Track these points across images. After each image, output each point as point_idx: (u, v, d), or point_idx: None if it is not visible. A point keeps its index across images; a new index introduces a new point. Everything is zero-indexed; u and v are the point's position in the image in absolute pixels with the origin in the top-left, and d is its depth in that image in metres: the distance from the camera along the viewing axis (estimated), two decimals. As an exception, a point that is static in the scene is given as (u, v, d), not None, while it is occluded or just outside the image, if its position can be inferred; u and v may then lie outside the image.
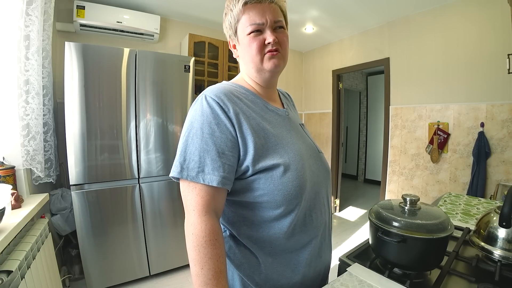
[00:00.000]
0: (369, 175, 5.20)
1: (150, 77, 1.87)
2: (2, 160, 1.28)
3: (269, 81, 0.67)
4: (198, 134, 0.54)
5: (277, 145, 0.59)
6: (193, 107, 0.59)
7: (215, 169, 0.52)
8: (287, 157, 0.58)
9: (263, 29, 0.60)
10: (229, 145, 0.54)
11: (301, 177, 0.59)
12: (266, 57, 0.61)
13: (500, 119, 1.99)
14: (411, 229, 0.61)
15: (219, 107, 0.55)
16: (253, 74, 0.65)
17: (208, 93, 0.58)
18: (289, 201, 0.57)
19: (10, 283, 0.88)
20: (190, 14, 2.60)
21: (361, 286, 0.60)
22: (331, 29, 2.96)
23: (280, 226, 0.58)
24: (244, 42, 0.61)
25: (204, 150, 0.53)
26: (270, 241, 0.59)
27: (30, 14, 1.36)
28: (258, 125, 0.58)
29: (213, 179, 0.52)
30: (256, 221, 0.59)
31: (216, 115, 0.55)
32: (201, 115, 0.55)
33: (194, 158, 0.53)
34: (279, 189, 0.56)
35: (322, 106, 3.59)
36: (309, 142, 0.69)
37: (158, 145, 1.93)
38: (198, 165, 0.53)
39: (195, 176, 0.52)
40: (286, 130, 0.64)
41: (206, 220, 0.52)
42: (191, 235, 0.52)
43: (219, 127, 0.54)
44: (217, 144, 0.53)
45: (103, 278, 1.78)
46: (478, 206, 1.22)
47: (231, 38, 0.65)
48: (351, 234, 2.86)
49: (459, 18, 2.18)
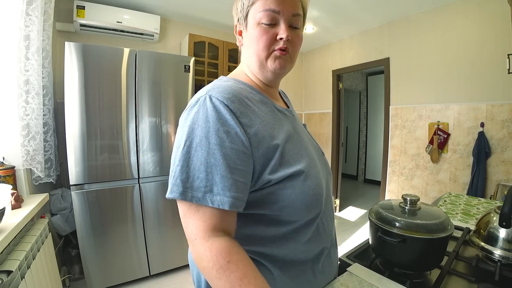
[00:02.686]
0: (369, 175, 5.20)
1: (150, 77, 1.87)
2: (2, 160, 1.28)
3: (272, 82, 0.60)
4: (203, 144, 0.44)
5: (293, 150, 0.52)
6: (192, 110, 0.48)
7: (226, 188, 0.43)
8: (304, 163, 0.52)
9: (278, 21, 0.53)
10: (242, 158, 0.45)
11: (320, 182, 0.54)
12: (273, 55, 0.54)
13: (500, 119, 1.99)
14: (411, 229, 0.61)
15: (228, 111, 0.46)
16: (255, 69, 0.58)
17: (213, 94, 0.48)
18: (310, 210, 0.52)
19: (10, 283, 0.88)
20: (190, 14, 2.60)
21: (361, 286, 0.60)
22: (331, 29, 2.96)
23: (298, 238, 0.53)
24: (252, 31, 0.54)
25: (211, 165, 0.44)
26: (285, 255, 0.53)
27: (30, 14, 1.36)
28: (273, 130, 0.51)
29: (224, 200, 0.43)
30: (271, 236, 0.52)
31: (224, 121, 0.45)
32: (206, 120, 0.45)
33: (199, 175, 0.44)
34: (300, 199, 0.50)
35: (322, 106, 3.59)
36: (314, 144, 0.66)
37: (158, 145, 1.93)
38: (205, 184, 0.43)
39: (201, 197, 0.43)
40: (296, 133, 0.58)
41: (210, 245, 0.43)
42: (203, 270, 0.43)
43: (229, 136, 0.45)
44: (227, 157, 0.44)
45: (103, 278, 1.78)
46: (478, 206, 1.22)
47: (239, 22, 0.58)
48: (351, 234, 2.86)
49: (459, 18, 2.18)
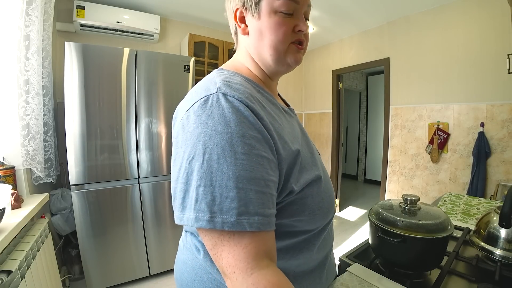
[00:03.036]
0: (369, 175, 5.20)
1: (150, 77, 1.87)
2: (2, 160, 1.28)
3: (278, 75, 0.55)
4: (228, 155, 0.35)
5: (307, 154, 0.48)
6: (202, 111, 0.38)
7: (264, 206, 0.36)
8: (319, 167, 0.48)
9: (296, 12, 0.47)
10: (273, 168, 0.38)
11: (331, 187, 0.50)
12: (292, 48, 0.49)
13: (500, 119, 1.99)
14: (411, 229, 0.61)
15: (252, 113, 0.38)
16: (268, 62, 0.50)
17: (228, 92, 0.39)
18: (327, 216, 0.48)
19: (10, 283, 0.88)
20: (190, 14, 2.60)
21: (361, 286, 0.60)
22: (331, 29, 2.96)
23: (311, 247, 0.48)
24: (268, 20, 0.47)
25: (243, 179, 0.35)
26: (297, 266, 0.47)
27: (30, 14, 1.36)
28: (289, 133, 0.45)
29: (264, 221, 0.35)
30: (285, 249, 0.45)
31: (250, 124, 0.37)
32: (226, 124, 0.36)
33: (228, 193, 0.35)
34: (320, 207, 0.46)
35: (322, 106, 3.59)
36: (312, 144, 0.63)
37: (158, 145, 1.92)
38: (238, 204, 0.34)
39: (235, 221, 0.34)
40: (301, 133, 0.53)
41: (255, 281, 0.33)
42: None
43: (258, 142, 0.37)
44: (259, 168, 0.36)
45: (103, 278, 1.78)
46: (478, 206, 1.22)
47: (245, 7, 0.49)
48: (351, 234, 2.86)
49: (459, 18, 2.18)
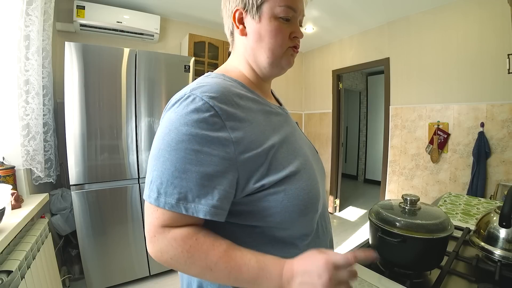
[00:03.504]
0: (369, 175, 5.20)
1: (150, 77, 1.87)
2: (2, 160, 1.28)
3: (272, 77, 0.59)
4: (180, 149, 0.41)
5: (286, 153, 0.49)
6: (172, 108, 0.45)
7: (201, 196, 0.41)
8: (298, 164, 0.49)
9: (293, 19, 0.52)
10: (222, 164, 0.42)
11: (315, 185, 0.51)
12: (288, 52, 0.54)
13: (500, 119, 1.99)
14: (411, 229, 0.61)
15: (213, 113, 0.42)
16: (263, 64, 0.54)
17: (197, 93, 0.44)
18: (306, 215, 0.49)
19: (10, 283, 0.88)
20: (190, 14, 2.60)
21: (361, 286, 0.60)
22: (331, 29, 2.96)
23: (297, 244, 0.49)
24: (269, 24, 0.51)
25: (187, 171, 0.41)
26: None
27: (30, 14, 1.36)
28: (263, 132, 0.48)
29: (199, 208, 0.41)
30: (265, 250, 0.46)
31: (205, 124, 0.42)
32: (185, 122, 0.41)
33: (174, 181, 0.41)
34: (294, 204, 0.46)
35: (322, 106, 3.59)
36: (308, 142, 0.63)
37: (158, 145, 1.92)
38: (179, 190, 0.41)
39: (175, 204, 0.41)
40: (290, 132, 0.55)
41: (173, 235, 0.42)
42: (171, 260, 0.42)
43: (209, 141, 0.41)
44: (205, 164, 0.41)
45: (103, 278, 1.78)
46: (478, 206, 1.22)
47: (246, 9, 0.52)
48: (351, 234, 2.86)
49: (459, 18, 2.18)
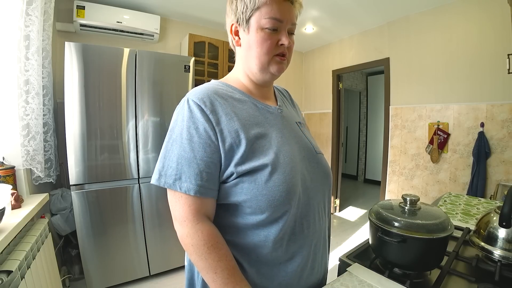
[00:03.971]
0: (369, 175, 5.20)
1: (150, 77, 1.87)
2: (2, 160, 1.28)
3: (267, 82, 0.65)
4: (178, 140, 0.53)
5: (263, 146, 0.55)
6: (176, 110, 0.57)
7: (192, 177, 0.51)
8: (274, 159, 0.54)
9: (280, 29, 0.57)
10: (208, 151, 0.52)
11: (289, 181, 0.54)
12: (274, 59, 0.59)
13: (500, 119, 1.99)
14: (411, 229, 0.61)
15: (200, 110, 0.53)
16: (254, 71, 0.61)
17: (191, 96, 0.55)
18: (275, 207, 0.53)
19: (10, 283, 0.88)
20: (190, 14, 2.60)
21: (361, 286, 0.60)
22: (331, 29, 2.96)
23: (266, 234, 0.55)
24: (256, 35, 0.57)
25: (181, 157, 0.51)
26: (256, 249, 0.55)
27: (30, 14, 1.36)
28: (244, 126, 0.55)
29: (190, 187, 0.50)
30: (241, 228, 0.56)
31: (195, 119, 0.53)
32: (182, 119, 0.54)
33: (172, 164, 0.52)
34: (263, 194, 0.52)
35: (322, 106, 3.59)
36: (304, 142, 0.64)
37: (158, 145, 1.92)
38: (176, 172, 0.51)
39: (172, 183, 0.51)
40: (276, 129, 0.60)
41: (201, 228, 0.51)
42: (191, 247, 0.51)
43: (198, 132, 0.52)
44: (195, 150, 0.51)
45: (103, 278, 1.78)
46: (478, 206, 1.22)
47: (238, 23, 0.59)
48: (351, 234, 2.86)
49: (459, 18, 2.18)
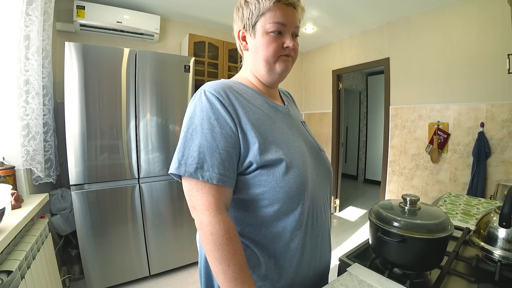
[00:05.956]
0: (369, 175, 5.20)
1: (150, 77, 1.87)
2: (2, 160, 1.28)
3: (274, 83, 0.67)
4: (198, 129, 0.53)
5: (279, 140, 0.58)
6: (192, 102, 0.59)
7: (214, 166, 0.52)
8: (289, 154, 0.58)
9: (284, 32, 0.61)
10: (229, 141, 0.53)
11: (303, 175, 0.58)
12: (280, 59, 0.62)
13: (500, 119, 1.99)
14: (411, 229, 0.61)
15: (219, 102, 0.55)
16: (262, 72, 0.65)
17: (207, 88, 0.57)
18: (291, 198, 0.56)
19: (10, 283, 0.88)
20: (190, 14, 2.60)
21: (361, 286, 0.60)
22: (331, 29, 2.95)
23: (284, 225, 0.58)
24: (262, 39, 0.61)
25: (203, 146, 0.52)
26: (274, 241, 0.58)
27: (30, 14, 1.36)
28: (258, 120, 0.58)
29: (212, 176, 0.51)
30: (259, 221, 0.58)
31: (215, 110, 0.54)
32: (201, 110, 0.55)
33: (193, 154, 0.52)
34: (281, 186, 0.55)
35: (322, 106, 3.59)
36: (310, 140, 0.69)
37: (158, 145, 1.93)
38: (197, 161, 0.52)
39: (193, 172, 0.52)
40: (287, 126, 0.64)
41: (223, 219, 0.52)
42: (210, 235, 0.51)
43: (219, 123, 0.53)
44: (217, 140, 0.52)
45: (103, 278, 1.78)
46: (478, 206, 1.22)
47: (245, 29, 0.64)
48: (351, 234, 2.86)
49: (459, 18, 2.18)
